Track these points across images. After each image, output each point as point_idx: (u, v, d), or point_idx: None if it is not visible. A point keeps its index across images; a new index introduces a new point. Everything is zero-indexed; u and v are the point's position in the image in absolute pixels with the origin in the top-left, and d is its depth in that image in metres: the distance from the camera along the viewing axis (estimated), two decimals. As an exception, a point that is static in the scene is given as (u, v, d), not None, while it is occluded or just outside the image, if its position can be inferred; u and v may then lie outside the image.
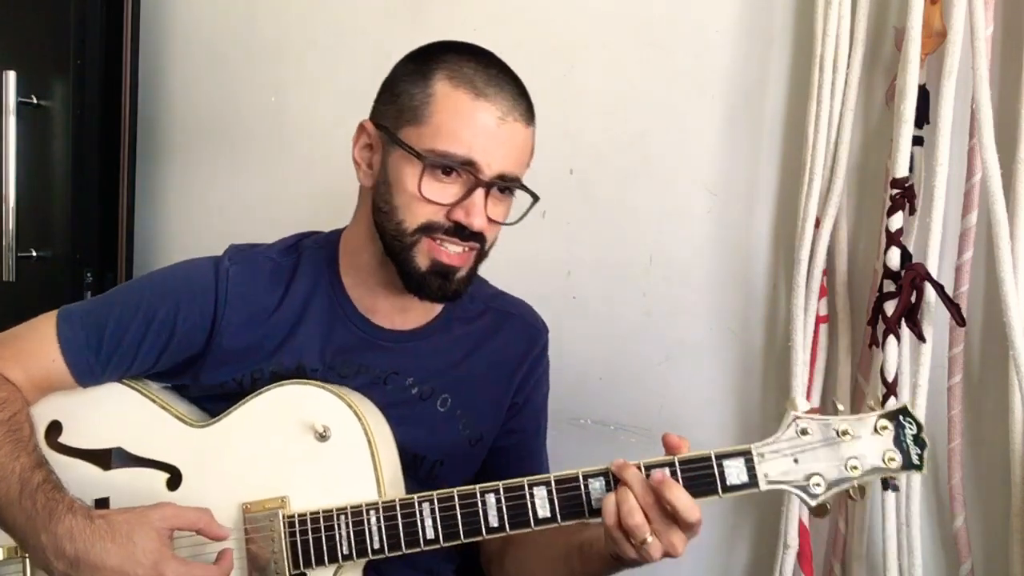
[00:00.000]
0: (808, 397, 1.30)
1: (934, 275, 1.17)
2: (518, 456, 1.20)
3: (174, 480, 1.03)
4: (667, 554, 0.89)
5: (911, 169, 1.19)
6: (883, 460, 0.90)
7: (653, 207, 1.46)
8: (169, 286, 1.08)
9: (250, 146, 1.84)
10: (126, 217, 1.90)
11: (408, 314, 1.12)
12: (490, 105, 0.98)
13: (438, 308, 1.15)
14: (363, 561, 0.98)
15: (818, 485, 0.90)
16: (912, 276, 1.16)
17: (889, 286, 1.20)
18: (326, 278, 1.11)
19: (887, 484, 0.95)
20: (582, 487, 0.93)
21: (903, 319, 1.18)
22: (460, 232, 1.00)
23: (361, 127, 1.06)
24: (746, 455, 0.91)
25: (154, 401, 1.06)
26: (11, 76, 1.74)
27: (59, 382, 1.05)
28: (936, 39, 1.17)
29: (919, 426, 0.92)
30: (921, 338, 1.18)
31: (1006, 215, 1.12)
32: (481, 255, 1.06)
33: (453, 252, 1.02)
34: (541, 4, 1.54)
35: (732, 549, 1.44)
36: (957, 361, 1.22)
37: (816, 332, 1.29)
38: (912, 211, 1.20)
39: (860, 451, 0.90)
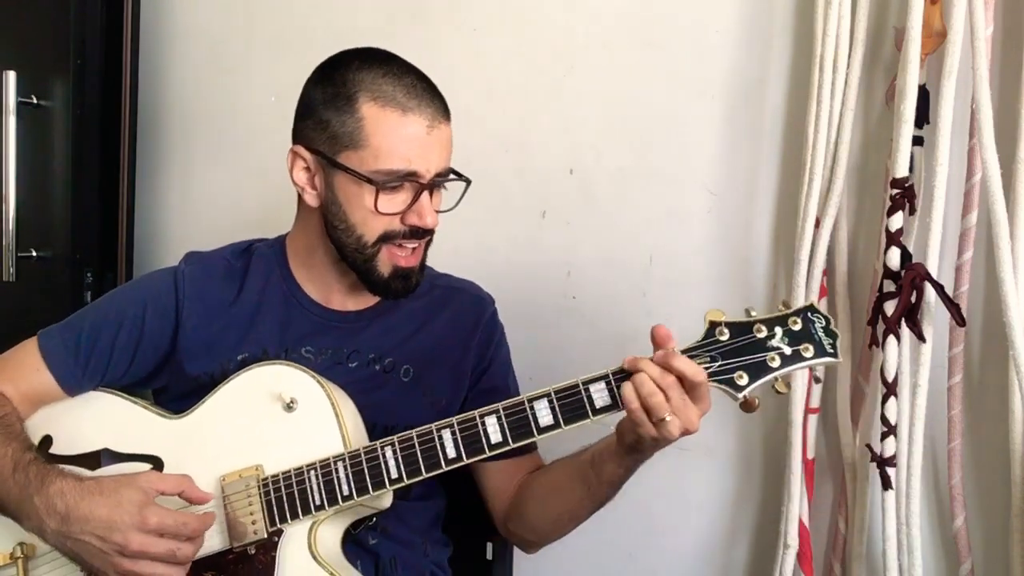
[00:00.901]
0: (808, 399, 1.30)
1: (934, 275, 1.17)
2: None
3: (156, 469, 1.08)
4: (685, 431, 0.95)
5: (911, 169, 1.19)
6: (800, 351, 0.97)
7: (653, 207, 1.46)
8: (134, 293, 1.19)
9: (250, 146, 1.84)
10: (126, 217, 1.90)
11: (359, 297, 1.19)
12: (418, 117, 1.06)
13: None
14: (338, 516, 1.05)
15: (741, 377, 0.96)
16: (912, 276, 1.16)
17: (889, 286, 1.20)
18: (278, 272, 1.20)
19: (815, 380, 1.06)
20: (528, 411, 1.00)
21: (903, 319, 1.18)
22: (416, 233, 1.10)
23: (294, 153, 1.13)
24: None
25: (134, 403, 1.14)
26: (11, 76, 1.74)
27: (47, 393, 1.13)
28: (936, 39, 1.17)
29: (827, 319, 0.99)
30: (921, 338, 1.18)
31: (1006, 215, 1.12)
32: (429, 244, 1.15)
33: (409, 255, 1.11)
34: (541, 4, 1.54)
35: (732, 549, 1.44)
36: (957, 361, 1.22)
37: (816, 332, 1.29)
38: (912, 211, 1.20)
39: (776, 346, 0.97)
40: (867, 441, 1.26)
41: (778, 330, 0.98)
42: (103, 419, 1.13)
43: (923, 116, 1.19)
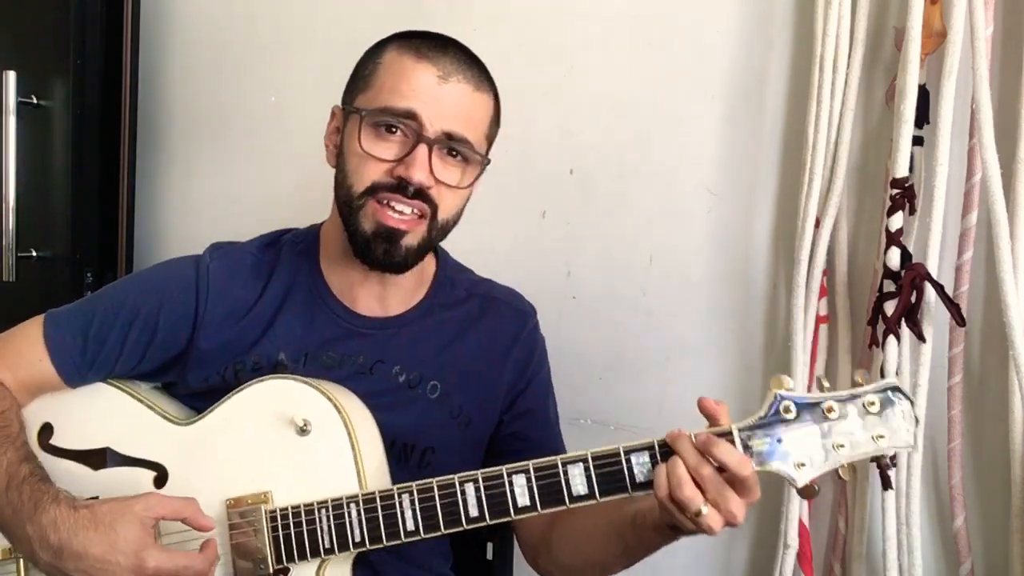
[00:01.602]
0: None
1: (934, 275, 1.17)
2: (529, 438, 1.19)
3: (161, 478, 1.04)
4: (728, 523, 0.86)
5: (911, 169, 1.19)
6: (872, 439, 0.86)
7: (653, 207, 1.46)
8: (151, 284, 1.11)
9: (250, 146, 1.84)
10: (126, 217, 1.90)
11: (388, 301, 1.12)
12: (431, 65, 1.01)
13: (418, 295, 1.15)
14: (346, 555, 0.98)
15: (803, 466, 0.87)
16: (912, 276, 1.16)
17: (889, 286, 1.20)
18: (306, 269, 1.12)
19: (886, 466, 0.89)
20: (561, 474, 0.91)
21: (903, 319, 1.18)
22: (403, 189, 1.00)
23: (332, 112, 1.10)
24: (727, 435, 0.88)
25: (140, 401, 1.08)
26: (11, 76, 1.74)
27: (47, 383, 1.07)
28: (936, 39, 1.17)
29: (909, 401, 0.88)
30: (921, 338, 1.18)
31: (1006, 215, 1.12)
32: (434, 226, 1.05)
33: (398, 216, 1.02)
34: (541, 4, 1.54)
35: (732, 549, 1.44)
36: (957, 361, 1.22)
37: (816, 332, 1.29)
38: (912, 211, 1.20)
39: (848, 429, 0.86)
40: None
41: (852, 410, 0.87)
42: (108, 415, 1.07)
43: (923, 116, 1.19)
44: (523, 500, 0.92)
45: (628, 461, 0.90)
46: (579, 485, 0.91)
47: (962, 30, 1.15)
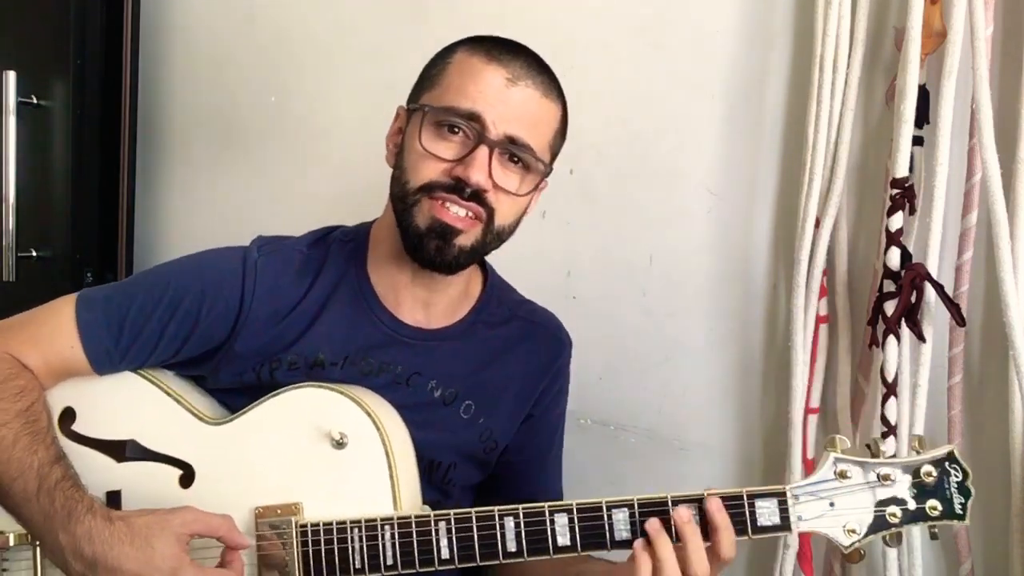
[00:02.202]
0: (808, 398, 1.30)
1: (934, 275, 1.17)
2: (524, 472, 1.19)
3: (187, 477, 1.01)
4: None
5: (911, 169, 1.19)
6: (926, 509, 0.87)
7: (653, 207, 1.46)
8: (195, 275, 1.06)
9: (250, 146, 1.84)
10: (126, 217, 1.90)
11: (432, 309, 1.11)
12: (501, 67, 0.99)
13: (463, 309, 1.14)
14: None
15: (853, 532, 0.87)
16: (912, 276, 1.16)
17: (889, 286, 1.20)
18: (352, 270, 1.09)
19: (932, 535, 0.90)
20: (605, 517, 0.91)
21: (903, 319, 1.18)
22: (460, 190, 0.98)
23: (396, 113, 1.09)
24: (780, 496, 0.88)
25: (169, 395, 1.05)
26: (11, 76, 1.74)
27: (76, 369, 1.03)
28: (936, 39, 1.17)
29: (965, 473, 0.88)
30: (921, 338, 1.18)
31: (1006, 215, 1.12)
32: (489, 230, 1.03)
33: (454, 213, 0.99)
34: (541, 4, 1.54)
35: (732, 549, 1.44)
36: (957, 361, 1.22)
37: (816, 332, 1.29)
38: (912, 211, 1.20)
39: (901, 497, 0.87)
40: (867, 441, 1.26)
41: (908, 479, 0.88)
42: (134, 406, 1.04)
43: (923, 116, 1.19)
44: (563, 540, 0.91)
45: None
46: (622, 531, 0.91)
47: (962, 30, 1.15)
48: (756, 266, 1.40)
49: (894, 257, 1.19)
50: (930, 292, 1.17)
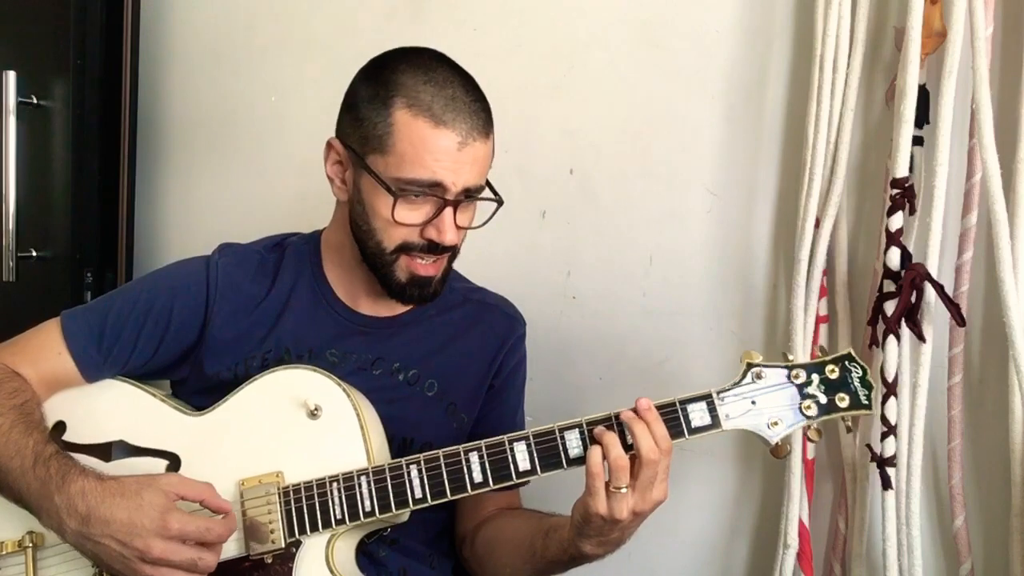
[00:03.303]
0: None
1: (934, 275, 1.17)
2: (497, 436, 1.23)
3: (173, 466, 1.07)
4: (634, 512, 0.95)
5: (911, 169, 1.19)
6: (835, 400, 0.99)
7: (653, 207, 1.46)
8: (164, 281, 1.16)
9: (250, 146, 1.84)
10: (126, 217, 1.90)
11: (389, 303, 1.17)
12: (450, 132, 1.03)
13: None
14: (356, 524, 1.02)
15: (776, 424, 0.98)
16: (912, 276, 1.16)
17: (889, 286, 1.20)
18: (309, 270, 1.18)
19: (847, 428, 1.04)
20: (558, 439, 0.99)
21: (903, 319, 1.18)
22: (434, 248, 1.07)
23: (329, 145, 1.12)
24: (707, 398, 0.99)
25: (152, 395, 1.12)
26: (11, 76, 1.74)
27: (66, 377, 1.11)
28: (936, 39, 1.17)
29: (864, 369, 1.00)
30: (921, 338, 1.18)
31: (1006, 215, 1.12)
32: (453, 257, 1.13)
33: (428, 264, 1.09)
34: (541, 4, 1.54)
35: (732, 549, 1.44)
36: (957, 361, 1.22)
37: (816, 332, 1.29)
38: (912, 211, 1.20)
39: (811, 393, 0.99)
40: (867, 441, 1.26)
41: (815, 377, 0.99)
42: (120, 409, 1.11)
43: (923, 116, 1.19)
44: (524, 465, 1.00)
45: (619, 426, 0.99)
46: (575, 448, 0.99)
47: (962, 30, 1.15)
48: (756, 266, 1.40)
49: (894, 257, 1.19)
50: (930, 292, 1.17)
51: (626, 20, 1.47)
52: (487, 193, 1.11)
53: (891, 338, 1.19)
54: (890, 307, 1.19)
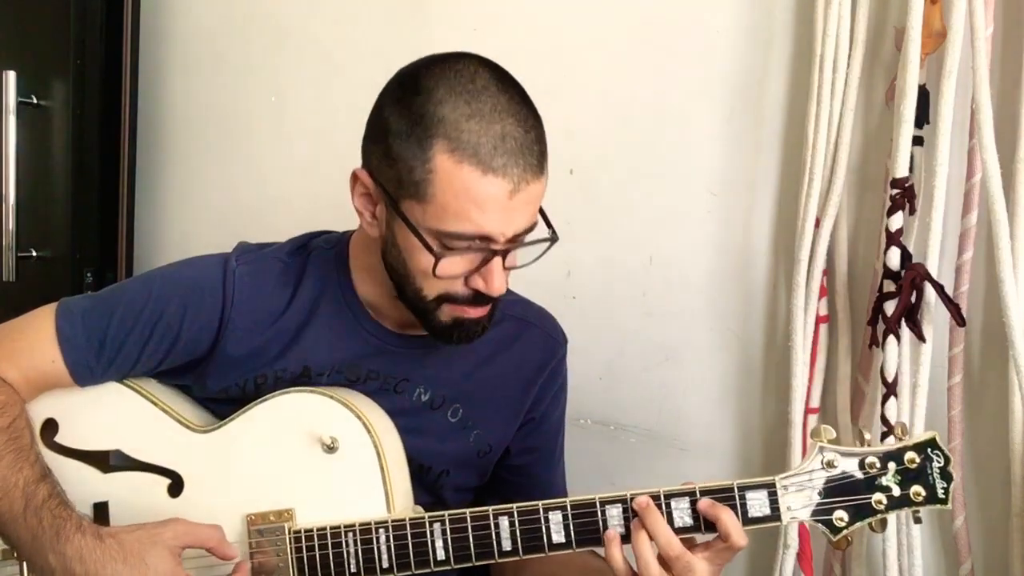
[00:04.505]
0: (808, 398, 1.30)
1: (934, 275, 1.17)
2: (533, 474, 1.18)
3: (175, 487, 1.00)
4: None
5: (911, 169, 1.19)
6: (910, 495, 0.89)
7: (653, 207, 1.46)
8: (175, 286, 1.03)
9: (250, 146, 1.84)
10: (126, 217, 1.90)
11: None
12: (500, 180, 0.88)
13: None
14: None
15: (841, 520, 0.89)
16: (912, 276, 1.16)
17: (889, 286, 1.20)
18: (335, 279, 1.06)
19: (916, 519, 0.93)
20: (599, 513, 0.91)
21: (903, 319, 1.18)
22: (479, 299, 0.96)
23: (355, 176, 0.98)
24: (770, 487, 0.90)
25: (154, 403, 1.03)
26: (11, 76, 1.74)
27: (57, 382, 1.01)
28: (936, 39, 1.17)
29: (947, 459, 0.90)
30: (921, 338, 1.18)
31: (1006, 215, 1.12)
32: (500, 299, 1.01)
33: (475, 309, 0.97)
34: (541, 4, 1.54)
35: (732, 549, 1.44)
36: (957, 361, 1.22)
37: (816, 332, 1.29)
38: (912, 211, 1.20)
39: (886, 485, 0.89)
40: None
41: (891, 466, 0.89)
42: (119, 415, 1.02)
43: (923, 116, 1.19)
44: (558, 537, 0.91)
45: (668, 507, 0.90)
46: (616, 526, 0.91)
47: (962, 30, 1.15)
48: (756, 266, 1.40)
49: (894, 257, 1.19)
50: (930, 292, 1.17)
51: (626, 20, 1.47)
52: (538, 231, 0.97)
53: (891, 338, 1.19)
54: (890, 307, 1.19)
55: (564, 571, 1.05)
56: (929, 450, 0.90)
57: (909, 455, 0.89)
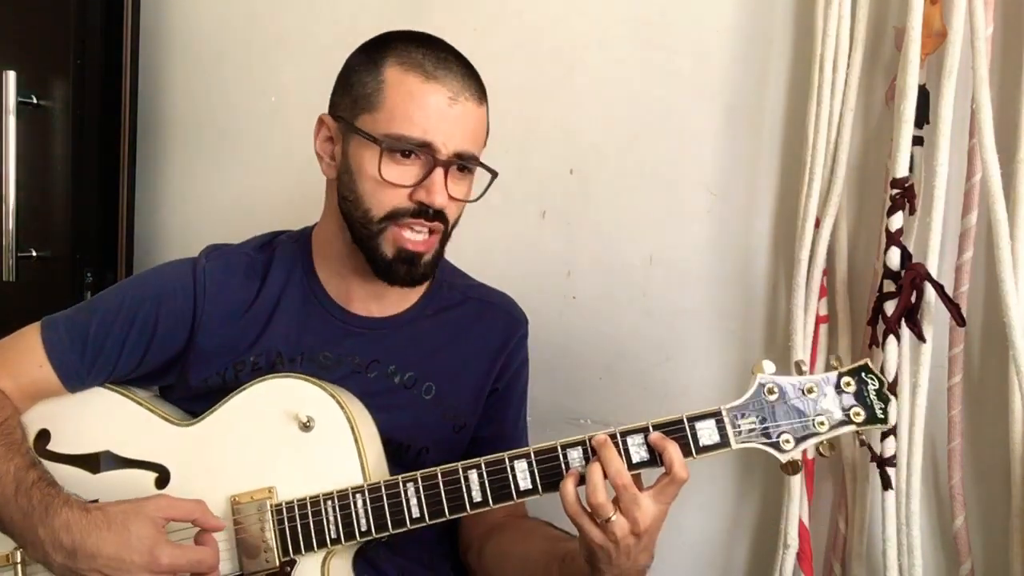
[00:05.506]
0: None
1: (934, 275, 1.17)
2: (498, 443, 1.18)
3: (162, 479, 1.04)
4: (633, 532, 0.92)
5: (911, 169, 1.19)
6: (849, 415, 0.95)
7: (653, 207, 1.46)
8: (149, 287, 1.12)
9: (250, 146, 1.84)
10: (126, 217, 1.90)
11: (384, 300, 1.14)
12: (441, 87, 1.01)
13: (414, 295, 1.17)
14: (352, 544, 1.00)
15: (787, 442, 0.95)
16: (912, 276, 1.16)
17: (889, 286, 1.20)
18: (300, 269, 1.14)
19: (860, 442, 1.00)
20: (560, 457, 0.96)
21: (903, 319, 1.18)
22: (424, 212, 1.03)
23: (320, 120, 1.09)
24: (717, 416, 0.95)
25: (140, 404, 1.09)
26: (11, 76, 1.74)
27: (47, 388, 1.07)
28: (936, 39, 1.17)
29: (881, 381, 0.96)
30: (921, 338, 1.18)
31: (1006, 215, 1.12)
32: (445, 237, 1.09)
33: (418, 239, 1.04)
34: (541, 4, 1.54)
35: (732, 549, 1.44)
36: (957, 361, 1.22)
37: (816, 332, 1.29)
38: (912, 211, 1.20)
39: (825, 407, 0.95)
40: (867, 441, 1.26)
41: (829, 390, 0.95)
42: (106, 419, 1.08)
43: (923, 116, 1.19)
44: (525, 484, 0.96)
45: (625, 443, 0.95)
46: (578, 468, 0.95)
47: (962, 30, 1.15)
48: (756, 266, 1.40)
49: (894, 257, 1.19)
50: (930, 292, 1.17)
51: (626, 20, 1.47)
52: (478, 164, 1.07)
53: (891, 338, 1.19)
54: (890, 307, 1.19)
55: (527, 539, 1.11)
56: (863, 374, 0.96)
57: (845, 379, 0.95)
